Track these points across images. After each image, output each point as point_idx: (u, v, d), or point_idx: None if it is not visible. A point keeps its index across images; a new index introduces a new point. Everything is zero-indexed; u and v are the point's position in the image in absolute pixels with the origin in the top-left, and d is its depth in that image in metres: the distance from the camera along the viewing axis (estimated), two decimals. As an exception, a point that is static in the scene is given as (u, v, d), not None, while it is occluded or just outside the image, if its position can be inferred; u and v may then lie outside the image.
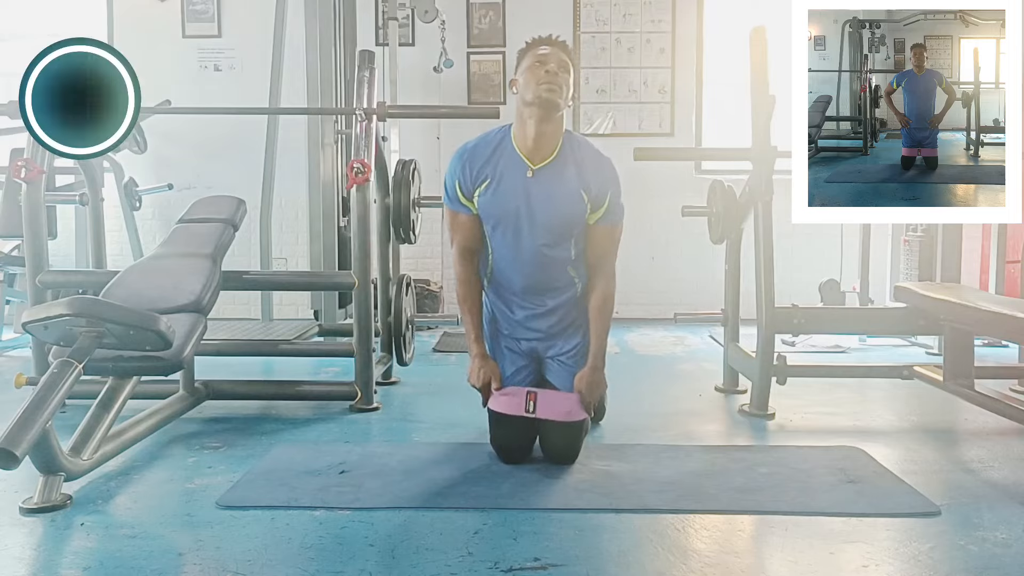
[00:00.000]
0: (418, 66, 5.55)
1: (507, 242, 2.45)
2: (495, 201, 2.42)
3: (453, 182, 2.46)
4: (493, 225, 2.46)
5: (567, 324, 2.55)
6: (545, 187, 2.39)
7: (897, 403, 3.29)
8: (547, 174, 2.40)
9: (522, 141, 2.40)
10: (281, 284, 4.11)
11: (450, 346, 4.69)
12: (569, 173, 2.40)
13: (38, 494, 2.09)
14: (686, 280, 5.69)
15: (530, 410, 2.44)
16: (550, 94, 2.32)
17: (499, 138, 2.45)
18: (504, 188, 2.41)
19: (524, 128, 2.38)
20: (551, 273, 2.49)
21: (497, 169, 2.41)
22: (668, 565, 1.77)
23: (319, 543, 1.87)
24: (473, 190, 2.43)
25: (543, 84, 2.32)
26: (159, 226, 5.65)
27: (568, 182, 2.39)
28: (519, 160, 2.40)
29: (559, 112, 2.36)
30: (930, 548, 1.85)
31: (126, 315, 2.26)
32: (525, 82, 2.36)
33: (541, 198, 2.39)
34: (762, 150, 3.10)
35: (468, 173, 2.43)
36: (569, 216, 2.42)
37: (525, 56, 2.43)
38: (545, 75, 2.32)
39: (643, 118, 5.77)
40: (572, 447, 2.47)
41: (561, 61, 2.37)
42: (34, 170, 3.01)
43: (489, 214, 2.45)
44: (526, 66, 2.38)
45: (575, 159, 2.41)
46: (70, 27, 5.53)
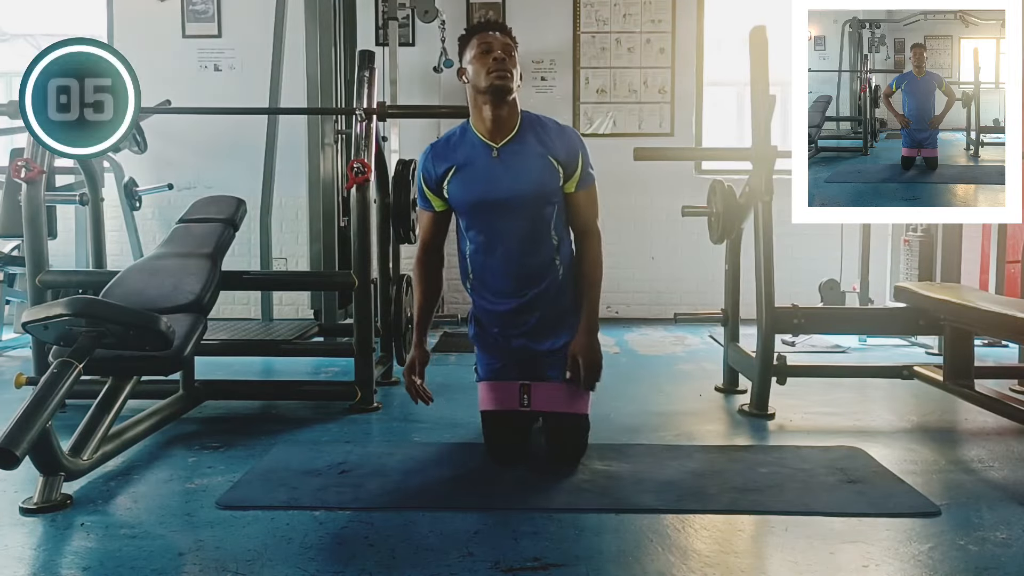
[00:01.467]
0: (418, 66, 5.56)
1: (484, 230, 2.42)
2: (464, 187, 2.41)
3: (419, 179, 2.48)
4: (467, 213, 2.44)
5: (557, 315, 2.48)
6: (512, 162, 2.39)
7: (897, 403, 3.29)
8: (511, 150, 2.40)
9: (481, 125, 2.42)
10: (281, 284, 4.12)
11: (450, 346, 4.69)
12: (532, 144, 2.40)
13: (38, 494, 2.09)
14: (686, 280, 5.69)
15: (525, 403, 2.44)
16: (502, 81, 2.34)
17: (460, 130, 2.47)
18: (471, 172, 2.40)
19: (481, 113, 2.40)
20: (532, 258, 2.44)
21: (461, 156, 2.42)
22: (668, 565, 1.77)
23: (319, 543, 1.87)
24: (441, 181, 2.43)
25: (493, 72, 2.33)
26: (159, 226, 5.66)
27: (534, 152, 2.40)
28: (481, 143, 2.41)
29: (511, 96, 2.39)
30: (930, 548, 1.85)
31: (126, 315, 2.26)
32: (475, 71, 2.38)
33: (510, 173, 2.38)
34: (762, 150, 3.10)
35: (432, 166, 2.44)
36: (542, 184, 2.39)
37: (469, 43, 2.43)
38: (494, 63, 2.34)
39: (643, 118, 5.77)
40: (578, 444, 2.46)
41: (505, 45, 2.39)
42: (34, 170, 3.01)
43: (461, 202, 2.43)
44: (472, 55, 2.40)
45: (535, 131, 2.43)
46: (70, 27, 5.55)
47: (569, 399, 2.45)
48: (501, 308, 2.49)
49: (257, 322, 4.59)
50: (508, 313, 2.48)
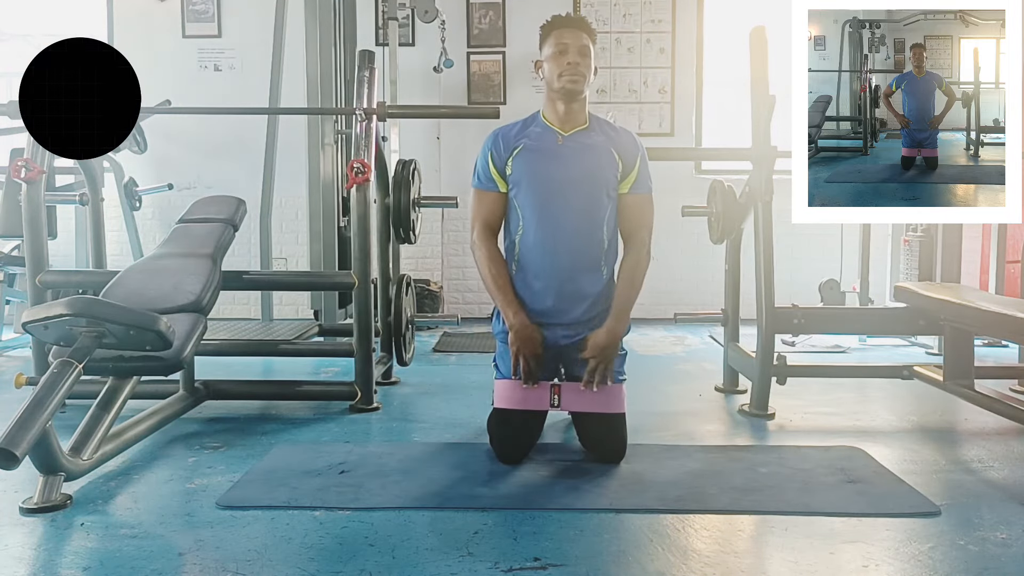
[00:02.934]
0: (418, 66, 5.56)
1: (538, 208, 2.45)
2: (527, 164, 2.48)
3: (485, 159, 2.53)
4: (526, 190, 2.47)
5: (596, 314, 2.47)
6: (576, 148, 2.49)
7: (897, 403, 3.29)
8: (577, 139, 2.50)
9: (552, 115, 2.53)
10: (281, 284, 4.11)
11: (450, 346, 4.69)
12: (598, 136, 2.52)
13: (38, 494, 2.09)
14: (686, 280, 5.69)
15: (555, 403, 2.44)
16: (573, 85, 2.44)
17: (530, 118, 2.57)
18: (537, 151, 2.49)
19: (553, 106, 2.51)
20: (583, 250, 2.46)
21: (530, 137, 2.51)
22: (668, 565, 1.77)
23: (319, 543, 1.87)
24: (506, 159, 2.50)
25: (566, 75, 2.44)
26: (159, 226, 5.66)
27: (598, 142, 2.50)
28: (550, 130, 2.52)
29: (583, 95, 2.49)
30: (930, 548, 1.85)
31: (126, 315, 2.26)
32: (550, 70, 2.48)
33: (574, 158, 2.47)
34: (762, 150, 3.10)
35: (501, 145, 2.51)
36: (601, 173, 2.48)
37: (547, 39, 2.50)
38: (568, 67, 2.44)
39: (643, 118, 5.77)
40: (617, 445, 2.45)
41: (581, 47, 2.46)
42: (34, 170, 3.01)
43: (521, 176, 2.48)
44: (548, 53, 2.48)
45: (602, 130, 2.54)
46: (70, 27, 5.55)
47: (603, 399, 2.42)
48: (544, 305, 2.46)
49: (257, 322, 4.60)
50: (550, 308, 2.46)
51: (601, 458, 2.44)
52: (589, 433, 2.49)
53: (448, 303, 5.79)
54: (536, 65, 2.56)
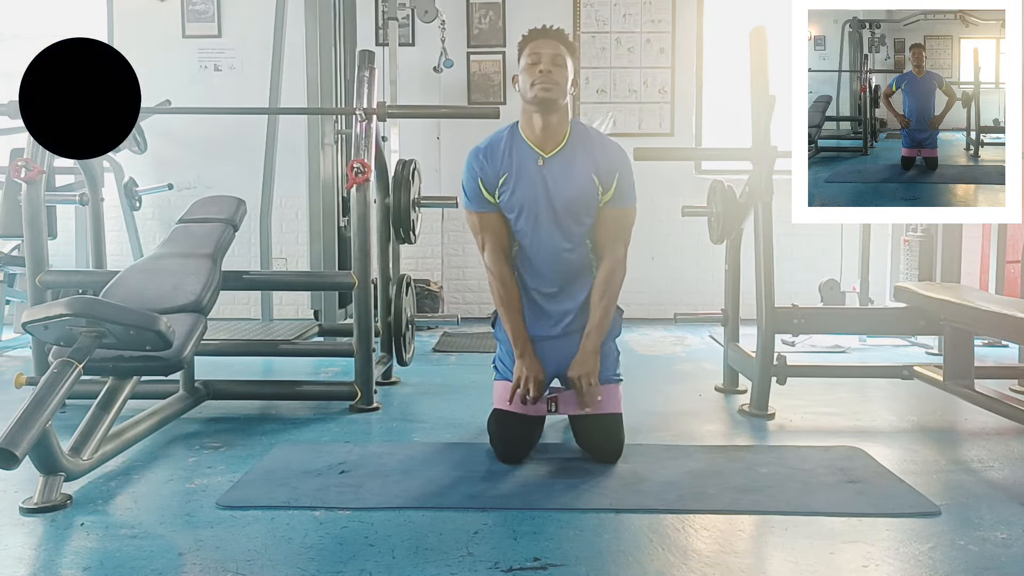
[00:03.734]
0: (418, 66, 5.56)
1: (528, 232, 2.49)
2: (513, 194, 2.47)
3: (474, 182, 2.49)
4: (515, 216, 2.50)
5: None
6: (557, 173, 2.45)
7: (897, 403, 3.29)
8: (558, 161, 2.46)
9: (530, 132, 2.48)
10: (281, 284, 4.11)
11: (450, 346, 4.69)
12: (579, 158, 2.46)
13: (38, 494, 2.09)
14: (686, 280, 5.69)
15: (552, 409, 2.48)
16: (546, 93, 2.39)
17: (508, 134, 2.51)
18: (521, 179, 2.46)
19: (531, 121, 2.47)
20: (573, 265, 2.52)
21: (513, 162, 2.47)
22: (668, 565, 1.77)
23: (319, 543, 1.87)
24: (496, 183, 2.48)
25: (538, 85, 2.39)
26: (159, 226, 5.66)
27: (579, 166, 2.46)
28: (530, 150, 2.47)
29: (558, 106, 2.43)
30: (930, 548, 1.85)
31: (126, 315, 2.26)
32: (523, 81, 2.44)
33: (555, 184, 2.45)
34: (762, 150, 3.10)
35: (489, 168, 2.48)
36: (583, 198, 2.46)
37: (523, 52, 2.48)
38: (540, 75, 2.39)
39: (643, 118, 5.77)
40: (615, 442, 2.46)
41: (555, 56, 2.42)
42: (34, 170, 3.01)
43: (511, 206, 2.49)
44: (523, 65, 2.45)
45: (583, 145, 2.48)
46: (70, 27, 5.55)
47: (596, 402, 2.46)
48: (539, 301, 2.54)
49: (257, 322, 4.60)
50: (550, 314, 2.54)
51: (598, 459, 2.45)
52: (585, 434, 2.50)
53: (448, 303, 5.79)
54: (514, 80, 2.50)
